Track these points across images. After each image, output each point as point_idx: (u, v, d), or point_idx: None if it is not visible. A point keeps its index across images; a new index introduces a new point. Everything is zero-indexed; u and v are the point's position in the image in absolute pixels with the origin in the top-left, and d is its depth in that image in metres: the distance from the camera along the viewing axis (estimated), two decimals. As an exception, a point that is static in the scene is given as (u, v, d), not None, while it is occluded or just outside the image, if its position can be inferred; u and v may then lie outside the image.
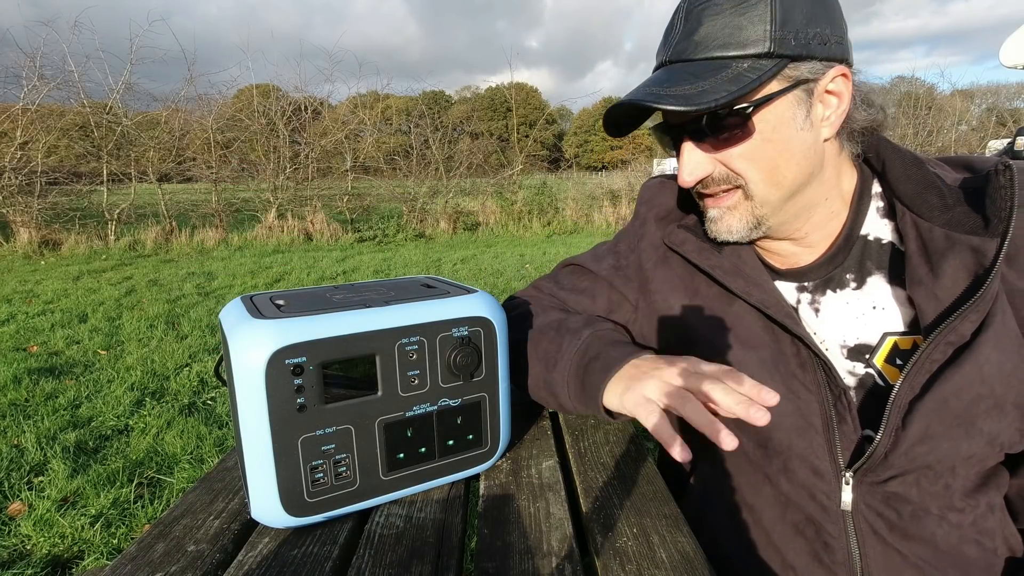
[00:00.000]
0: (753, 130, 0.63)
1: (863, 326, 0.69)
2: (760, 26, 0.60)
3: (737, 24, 0.61)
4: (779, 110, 0.63)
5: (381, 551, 0.57)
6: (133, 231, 8.60)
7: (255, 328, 0.55)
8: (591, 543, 0.59)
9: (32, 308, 4.64)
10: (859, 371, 0.69)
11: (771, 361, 0.70)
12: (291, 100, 10.58)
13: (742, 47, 0.61)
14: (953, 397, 0.60)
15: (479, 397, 0.68)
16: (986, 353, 0.59)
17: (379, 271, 6.40)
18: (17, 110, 8.13)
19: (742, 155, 0.65)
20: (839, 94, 0.64)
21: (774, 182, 0.65)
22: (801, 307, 0.73)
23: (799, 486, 0.69)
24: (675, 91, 0.61)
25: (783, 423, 0.68)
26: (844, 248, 0.71)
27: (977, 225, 0.61)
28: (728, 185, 0.68)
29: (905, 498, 0.65)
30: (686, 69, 0.63)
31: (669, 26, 0.67)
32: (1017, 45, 6.33)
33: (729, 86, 0.60)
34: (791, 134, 0.63)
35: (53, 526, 1.83)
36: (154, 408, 2.71)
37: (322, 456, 0.59)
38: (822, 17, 0.62)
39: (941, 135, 13.83)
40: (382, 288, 0.71)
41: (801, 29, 0.61)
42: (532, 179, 12.67)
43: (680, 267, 0.81)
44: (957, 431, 0.61)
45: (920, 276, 0.63)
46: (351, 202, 10.60)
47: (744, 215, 0.69)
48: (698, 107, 0.59)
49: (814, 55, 0.61)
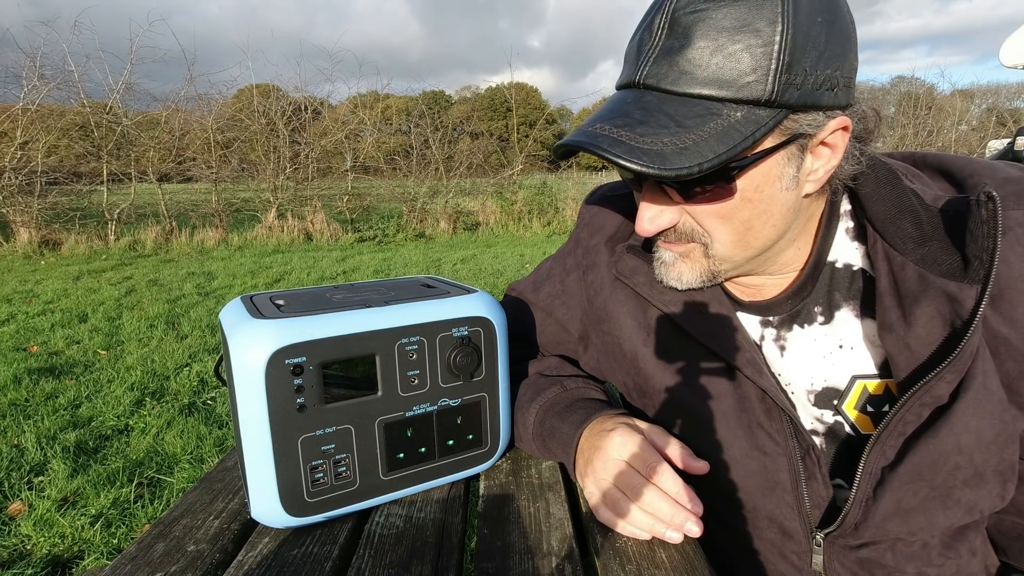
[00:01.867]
0: (735, 191, 0.54)
1: (830, 367, 0.63)
2: (763, 62, 0.48)
3: (733, 54, 0.49)
4: (767, 168, 0.53)
5: (381, 551, 0.57)
6: (133, 231, 8.60)
7: (255, 328, 0.55)
8: (591, 543, 0.59)
9: (32, 308, 4.64)
10: (827, 419, 0.64)
11: (733, 413, 0.65)
12: (291, 100, 10.58)
13: (737, 88, 0.49)
14: (928, 469, 0.55)
15: (479, 397, 0.68)
16: (964, 420, 0.53)
17: (379, 271, 6.40)
18: (17, 110, 8.13)
19: (715, 213, 0.56)
20: (834, 147, 0.55)
21: (743, 243, 0.58)
22: (765, 344, 0.67)
23: (769, 545, 0.66)
24: (650, 143, 0.50)
25: (748, 483, 0.65)
26: (811, 277, 0.63)
27: (955, 267, 0.53)
28: (690, 240, 0.60)
29: (879, 563, 0.61)
30: (664, 107, 0.51)
31: (646, 30, 0.54)
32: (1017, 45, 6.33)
33: (718, 145, 0.49)
34: (774, 194, 0.55)
35: (53, 526, 1.83)
36: (154, 408, 2.71)
37: (322, 456, 0.59)
38: (836, 55, 0.50)
39: (941, 135, 13.82)
40: (382, 288, 0.71)
41: (810, 72, 0.49)
42: (532, 179, 12.67)
43: (631, 299, 0.73)
44: (932, 503, 0.56)
45: (891, 321, 0.56)
46: (351, 202, 10.59)
47: (698, 267, 0.61)
48: (678, 172, 0.49)
49: (819, 104, 0.51)
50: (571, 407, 0.72)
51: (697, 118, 0.50)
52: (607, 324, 0.76)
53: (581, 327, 0.81)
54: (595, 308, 0.77)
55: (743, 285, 0.69)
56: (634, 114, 0.52)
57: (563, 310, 0.81)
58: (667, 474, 0.59)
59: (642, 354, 0.72)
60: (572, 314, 0.81)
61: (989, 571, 0.65)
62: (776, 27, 0.48)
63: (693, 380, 0.68)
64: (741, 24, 0.49)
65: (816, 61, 0.49)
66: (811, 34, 0.49)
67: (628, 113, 0.52)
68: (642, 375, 0.73)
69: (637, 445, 0.62)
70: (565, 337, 0.82)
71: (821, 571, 0.64)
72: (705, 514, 0.60)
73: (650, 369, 0.71)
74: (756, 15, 0.48)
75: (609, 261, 0.76)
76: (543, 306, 0.83)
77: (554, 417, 0.72)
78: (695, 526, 0.57)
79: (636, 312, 0.73)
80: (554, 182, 13.06)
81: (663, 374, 0.70)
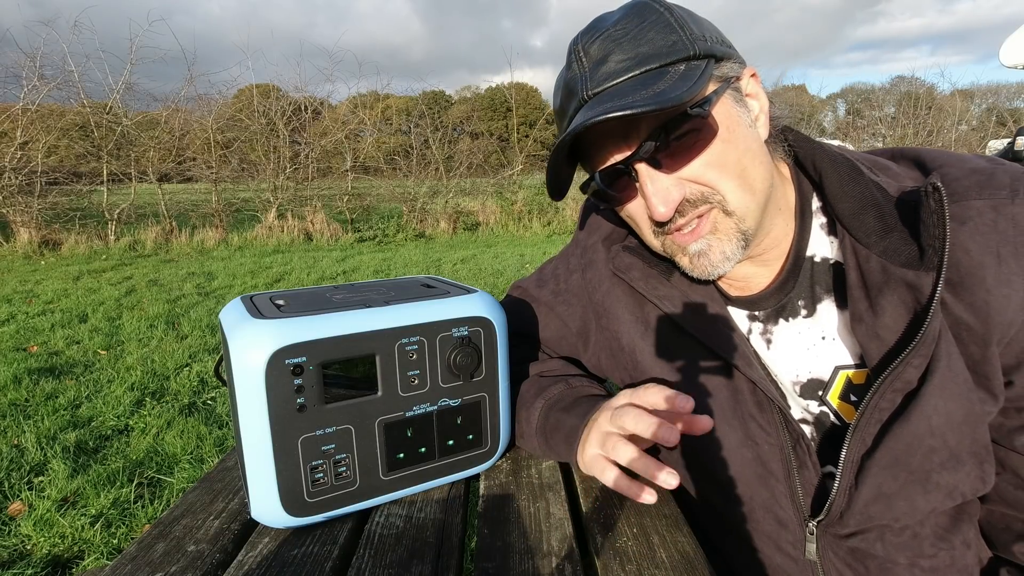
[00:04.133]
0: (716, 129, 0.57)
1: (814, 358, 0.65)
2: (671, 35, 0.57)
3: (649, 39, 0.57)
4: (726, 109, 0.59)
5: (381, 551, 0.57)
6: (133, 231, 8.61)
7: (255, 328, 0.55)
8: (591, 543, 0.59)
9: (32, 308, 4.64)
10: (814, 409, 0.66)
11: (728, 405, 0.67)
12: (291, 100, 10.59)
13: (667, 56, 0.56)
14: (904, 453, 0.56)
15: (479, 397, 0.68)
16: (933, 403, 0.55)
17: (379, 271, 6.40)
18: (17, 110, 8.13)
19: (710, 163, 0.58)
20: (755, 94, 0.62)
21: (748, 186, 0.60)
22: (752, 337, 0.69)
23: (764, 535, 0.67)
24: (633, 99, 0.53)
25: (743, 474, 0.66)
26: (793, 271, 0.66)
27: (912, 256, 0.56)
28: (705, 206, 0.60)
29: (870, 553, 0.62)
30: (621, 90, 0.55)
31: (568, 70, 0.60)
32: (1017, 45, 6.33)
33: (682, 84, 0.53)
34: (744, 132, 0.60)
35: (53, 526, 1.83)
36: (154, 408, 2.71)
37: (322, 456, 0.59)
38: (708, 27, 0.60)
39: (941, 135, 13.82)
40: (382, 288, 0.71)
41: (701, 35, 0.58)
42: (532, 179, 12.66)
43: (628, 295, 0.76)
44: (912, 488, 0.57)
45: (860, 312, 0.59)
46: (351, 202, 10.60)
47: (731, 234, 0.61)
48: (670, 103, 0.51)
49: (728, 56, 0.59)
50: (576, 402, 0.73)
51: (654, 79, 0.55)
52: (606, 319, 0.78)
53: (582, 324, 0.82)
54: (595, 303, 0.79)
55: (733, 278, 0.71)
56: (604, 101, 0.56)
57: (565, 307, 0.83)
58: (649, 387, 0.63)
59: (639, 347, 0.74)
60: (573, 311, 0.82)
61: (983, 564, 0.66)
62: (659, 11, 0.58)
63: (688, 373, 0.70)
64: (636, 23, 0.58)
65: (700, 29, 0.58)
66: (684, 15, 0.59)
67: (600, 102, 0.56)
68: (639, 369, 0.75)
69: (627, 412, 0.62)
70: (566, 333, 0.84)
71: (816, 561, 0.65)
72: (703, 511, 0.60)
73: (647, 363, 0.73)
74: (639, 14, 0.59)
75: (606, 257, 0.78)
76: (546, 302, 0.85)
77: (560, 411, 0.73)
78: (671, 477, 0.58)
79: (633, 307, 0.75)
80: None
81: (659, 368, 0.72)
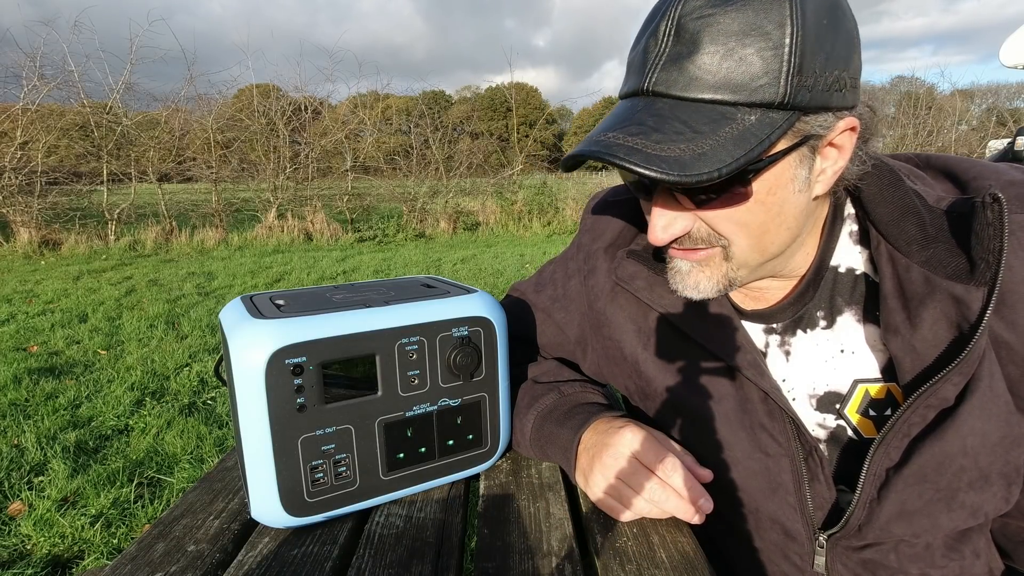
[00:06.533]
0: (750, 195, 0.53)
1: (832, 371, 0.63)
2: (775, 64, 0.48)
3: (745, 58, 0.48)
4: (780, 170, 0.53)
5: (381, 551, 0.57)
6: (133, 231, 8.60)
7: (255, 328, 0.55)
8: (591, 543, 0.59)
9: (32, 308, 4.64)
10: (830, 423, 0.64)
11: (735, 414, 0.65)
12: (291, 100, 10.59)
13: (750, 92, 0.49)
14: (933, 471, 0.54)
15: (479, 397, 0.68)
16: (971, 423, 0.53)
17: (379, 271, 6.40)
18: (17, 110, 8.13)
19: (730, 218, 0.55)
20: (841, 147, 0.55)
21: (760, 248, 0.57)
22: (771, 351, 0.66)
23: (772, 546, 0.66)
24: (667, 150, 0.49)
25: (751, 484, 0.65)
26: (814, 282, 0.63)
27: (961, 269, 0.53)
28: (707, 245, 0.58)
29: (883, 564, 0.61)
30: (676, 113, 0.50)
31: (651, 36, 0.52)
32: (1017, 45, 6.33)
33: (735, 149, 0.48)
34: (787, 196, 0.54)
35: (53, 526, 1.83)
36: (154, 408, 2.70)
37: (322, 456, 0.59)
38: (842, 56, 0.50)
39: (941, 135, 13.81)
40: (382, 288, 0.71)
41: (820, 74, 0.49)
42: (532, 179, 12.68)
43: (631, 304, 0.73)
44: (937, 506, 0.56)
45: (896, 323, 0.56)
46: (351, 202, 10.59)
47: (716, 275, 0.59)
48: (698, 179, 0.48)
49: (829, 105, 0.51)
50: (569, 413, 0.72)
51: (711, 123, 0.49)
52: (607, 329, 0.76)
53: (579, 332, 0.81)
54: (595, 313, 0.77)
55: (747, 291, 0.68)
56: (647, 121, 0.51)
57: (562, 314, 0.81)
58: (673, 465, 0.61)
59: (643, 358, 0.72)
60: (571, 318, 0.81)
61: (993, 574, 0.65)
62: (785, 29, 0.48)
63: (695, 382, 0.68)
64: (750, 28, 0.48)
65: (825, 63, 0.49)
66: (819, 36, 0.49)
67: (641, 121, 0.51)
68: (643, 378, 0.73)
69: (646, 441, 0.64)
70: (564, 340, 0.83)
71: (824, 572, 0.64)
72: (708, 517, 0.60)
73: (651, 372, 0.71)
74: (764, 18, 0.48)
75: (609, 267, 0.76)
76: (543, 307, 0.83)
77: (552, 423, 0.72)
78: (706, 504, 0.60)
79: (636, 317, 0.73)
80: (554, 182, 13.06)
81: (664, 377, 0.70)
